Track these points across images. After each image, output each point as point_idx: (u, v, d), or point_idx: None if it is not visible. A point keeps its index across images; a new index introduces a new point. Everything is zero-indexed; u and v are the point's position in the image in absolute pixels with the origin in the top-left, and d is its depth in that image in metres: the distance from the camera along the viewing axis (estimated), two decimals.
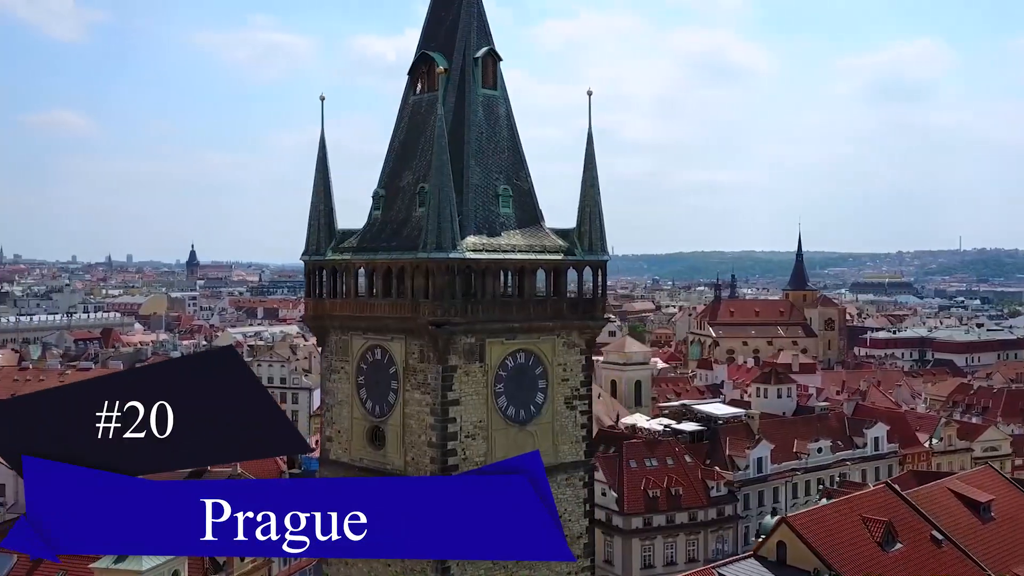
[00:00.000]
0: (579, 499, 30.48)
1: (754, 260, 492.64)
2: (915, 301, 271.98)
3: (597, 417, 79.97)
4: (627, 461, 68.37)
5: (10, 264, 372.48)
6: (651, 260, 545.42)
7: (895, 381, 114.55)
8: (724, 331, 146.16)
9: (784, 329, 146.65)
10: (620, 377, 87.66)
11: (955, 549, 38.93)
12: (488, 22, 31.49)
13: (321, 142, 31.81)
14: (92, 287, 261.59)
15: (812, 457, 74.04)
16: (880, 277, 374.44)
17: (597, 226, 30.67)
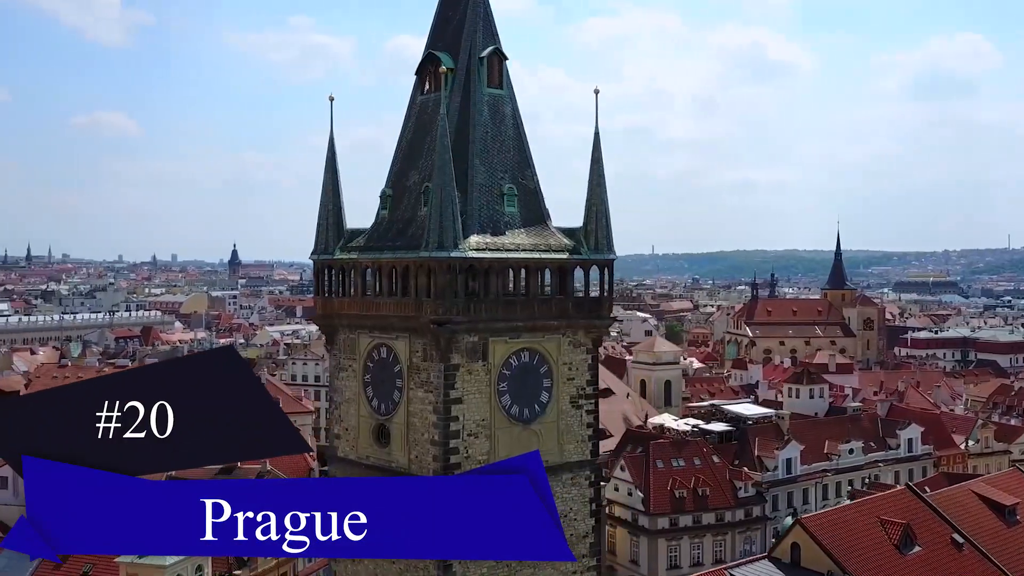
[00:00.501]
0: (585, 498, 30.46)
1: (797, 259, 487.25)
2: (960, 300, 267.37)
3: (625, 417, 79.92)
4: (654, 461, 68.03)
5: (58, 263, 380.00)
6: (692, 259, 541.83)
7: (934, 382, 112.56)
8: (761, 331, 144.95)
9: (822, 329, 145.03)
10: (650, 377, 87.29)
11: (976, 553, 38.27)
12: (495, 22, 31.59)
13: (330, 143, 32.18)
14: (135, 286, 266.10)
15: (843, 458, 73.16)
16: (925, 276, 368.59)
17: (603, 225, 30.62)
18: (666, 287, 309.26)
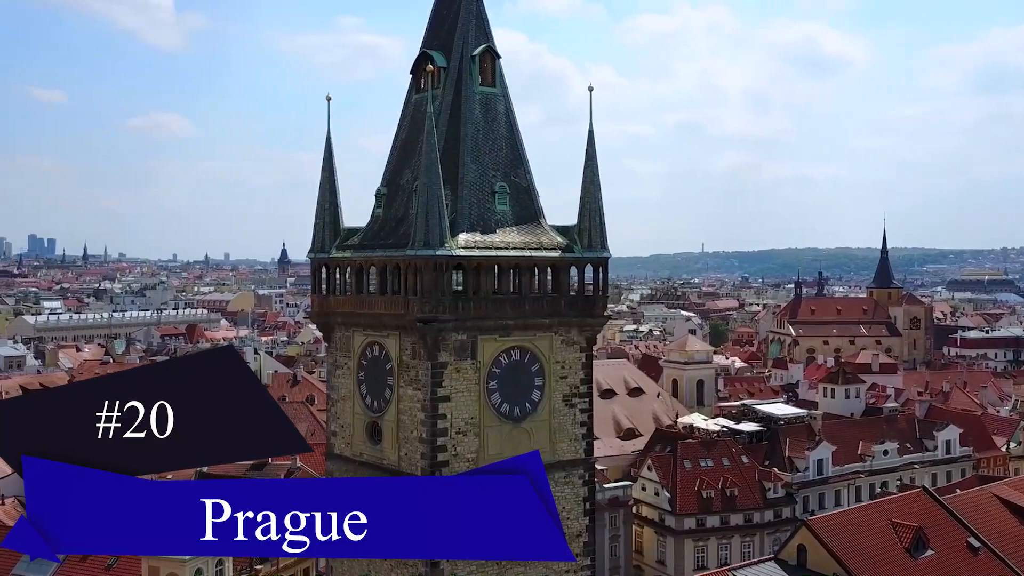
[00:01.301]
0: (579, 497, 30.34)
1: (849, 257, 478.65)
2: (1016, 299, 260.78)
3: (656, 416, 79.32)
4: (681, 461, 67.50)
5: (113, 262, 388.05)
6: (742, 257, 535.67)
7: (982, 382, 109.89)
8: (804, 330, 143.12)
9: (867, 328, 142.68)
10: (681, 376, 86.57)
11: (992, 557, 37.34)
12: (488, 20, 31.58)
13: (327, 142, 32.41)
14: (186, 284, 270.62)
15: (877, 460, 71.93)
16: (979, 274, 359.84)
17: (597, 223, 30.46)
18: (714, 285, 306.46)
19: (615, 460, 73.38)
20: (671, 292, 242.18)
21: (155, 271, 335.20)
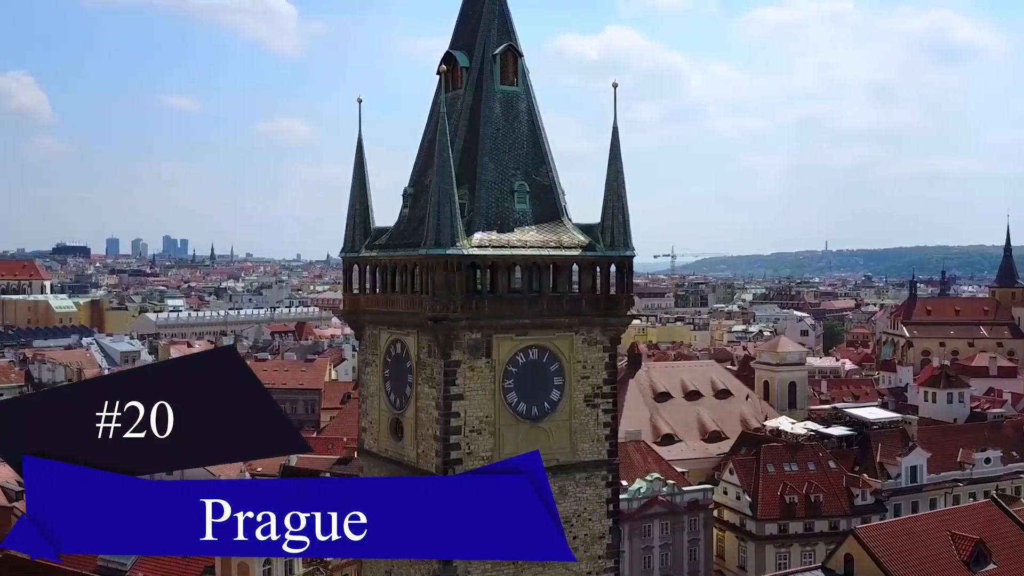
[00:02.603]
0: (601, 499, 29.95)
1: (983, 255, 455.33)
2: None
3: (743, 419, 77.53)
4: (764, 465, 65.87)
5: (239, 262, 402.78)
6: (867, 255, 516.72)
7: None
8: (919, 331, 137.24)
9: (987, 329, 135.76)
10: (773, 378, 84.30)
11: None
12: (511, 19, 31.45)
13: (359, 144, 33.00)
14: (304, 283, 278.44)
15: (978, 468, 68.57)
16: None
17: (620, 221, 30.00)
18: (834, 285, 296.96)
19: (698, 463, 72.09)
20: (785, 291, 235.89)
21: (277, 270, 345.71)
